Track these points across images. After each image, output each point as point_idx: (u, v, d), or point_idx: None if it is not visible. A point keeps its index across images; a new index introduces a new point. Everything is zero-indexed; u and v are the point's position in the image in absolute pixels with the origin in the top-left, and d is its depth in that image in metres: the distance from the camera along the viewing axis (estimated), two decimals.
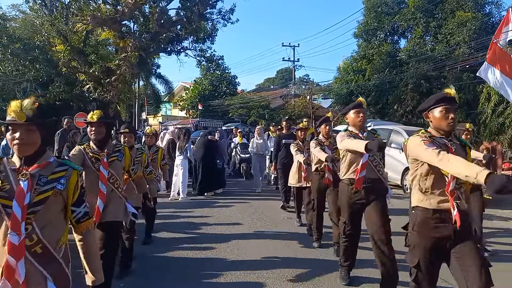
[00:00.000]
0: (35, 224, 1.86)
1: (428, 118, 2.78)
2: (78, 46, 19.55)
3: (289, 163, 7.17)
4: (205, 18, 21.27)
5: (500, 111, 17.54)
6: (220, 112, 37.00)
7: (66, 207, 2.00)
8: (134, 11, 18.96)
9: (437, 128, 2.74)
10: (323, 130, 5.47)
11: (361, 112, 3.99)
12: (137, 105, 30.46)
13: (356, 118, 3.98)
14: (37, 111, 1.90)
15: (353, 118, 4.01)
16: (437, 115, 2.70)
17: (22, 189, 1.84)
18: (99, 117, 3.45)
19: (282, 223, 6.97)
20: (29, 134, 1.88)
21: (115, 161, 3.51)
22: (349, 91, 25.38)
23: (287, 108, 32.88)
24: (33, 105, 1.91)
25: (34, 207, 1.85)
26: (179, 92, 44.37)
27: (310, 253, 5.23)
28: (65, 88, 21.10)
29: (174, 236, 6.13)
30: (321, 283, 4.19)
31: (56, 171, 1.97)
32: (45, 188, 1.91)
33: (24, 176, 1.87)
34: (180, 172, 9.16)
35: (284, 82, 51.18)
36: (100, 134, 3.48)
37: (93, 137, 3.48)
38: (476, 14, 21.61)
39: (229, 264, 4.82)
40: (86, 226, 2.09)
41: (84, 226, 2.08)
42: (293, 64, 35.45)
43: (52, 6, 19.71)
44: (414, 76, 21.94)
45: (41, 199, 1.88)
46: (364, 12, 26.01)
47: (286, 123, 8.69)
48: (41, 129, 1.92)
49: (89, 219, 2.11)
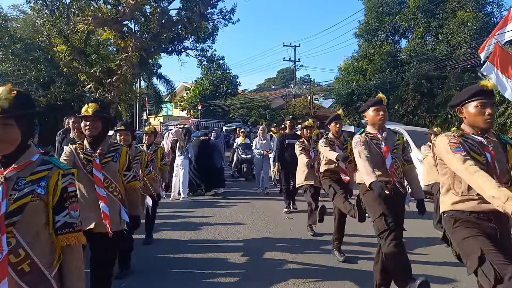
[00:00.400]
0: (19, 237, 1.54)
1: (462, 114, 2.53)
2: (79, 46, 19.57)
3: (292, 163, 7.06)
4: (206, 18, 21.28)
5: (502, 111, 17.53)
6: (221, 112, 37.03)
7: None
8: (135, 11, 18.98)
9: (472, 125, 2.48)
10: (333, 128, 5.21)
11: (381, 109, 3.62)
12: (138, 105, 30.47)
13: (376, 117, 3.61)
14: (14, 101, 1.58)
15: (373, 117, 3.64)
16: (472, 110, 2.44)
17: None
18: (95, 110, 3.13)
19: (283, 223, 6.96)
20: (6, 130, 1.55)
21: (109, 162, 3.15)
22: (350, 91, 25.41)
23: (288, 108, 32.87)
24: (10, 94, 1.59)
25: (11, 218, 1.52)
26: (180, 92, 44.41)
27: (311, 253, 5.22)
28: (66, 88, 21.14)
29: (175, 236, 6.12)
30: (323, 282, 4.19)
31: (36, 171, 1.63)
32: (22, 193, 1.57)
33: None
34: (180, 172, 9.17)
35: (285, 82, 51.16)
36: (96, 130, 3.14)
37: (88, 132, 3.15)
38: (477, 14, 21.60)
39: (230, 264, 4.81)
40: (66, 240, 1.67)
41: (63, 240, 1.67)
42: (294, 64, 35.48)
43: (53, 6, 19.73)
44: (415, 76, 21.95)
45: (18, 206, 1.55)
46: (365, 12, 26.02)
47: (290, 122, 8.41)
48: (20, 123, 1.59)
49: (72, 233, 1.68)
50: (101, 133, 3.18)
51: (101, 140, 3.19)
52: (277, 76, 71.11)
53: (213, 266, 4.74)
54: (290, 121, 8.51)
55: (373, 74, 24.48)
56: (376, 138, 3.61)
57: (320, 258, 4.98)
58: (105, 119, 3.26)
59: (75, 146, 3.18)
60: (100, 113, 3.18)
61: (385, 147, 3.57)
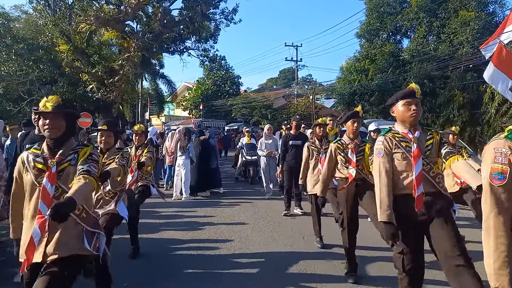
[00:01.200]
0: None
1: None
2: (81, 46, 19.63)
3: (296, 165, 6.95)
4: (208, 18, 21.33)
5: (504, 110, 17.50)
6: (223, 112, 37.09)
7: None
8: (137, 11, 19.04)
9: None
10: (350, 128, 4.43)
11: (413, 103, 2.91)
12: (140, 105, 30.52)
13: (407, 112, 2.91)
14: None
15: (402, 112, 2.95)
16: None
17: None
18: (56, 105, 2.46)
19: (285, 223, 6.96)
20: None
21: (66, 168, 2.48)
22: (352, 91, 25.38)
23: (289, 108, 32.89)
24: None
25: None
26: (182, 92, 44.49)
27: (313, 253, 5.22)
28: (68, 88, 21.21)
29: (177, 235, 6.13)
30: (325, 283, 4.19)
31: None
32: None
33: None
34: (182, 172, 9.18)
35: (287, 82, 51.21)
36: (58, 130, 2.48)
37: (47, 133, 2.48)
38: (479, 13, 21.53)
39: (232, 263, 4.82)
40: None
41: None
42: (296, 64, 35.44)
43: (55, 7, 19.80)
44: (417, 76, 21.91)
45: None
46: (366, 12, 25.98)
47: (297, 123, 7.97)
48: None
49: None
50: (65, 133, 2.54)
51: (64, 143, 2.55)
52: (279, 76, 71.17)
53: (215, 265, 4.75)
54: (297, 121, 8.10)
55: (375, 74, 24.44)
56: (406, 139, 2.92)
57: (323, 258, 4.98)
58: (70, 116, 2.60)
59: (31, 150, 2.56)
60: (62, 108, 2.51)
61: (416, 149, 2.85)
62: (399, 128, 3.03)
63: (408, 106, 2.93)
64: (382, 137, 3.03)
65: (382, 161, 2.93)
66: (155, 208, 7.94)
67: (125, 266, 4.37)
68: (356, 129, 4.40)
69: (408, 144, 2.89)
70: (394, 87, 23.22)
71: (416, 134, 2.91)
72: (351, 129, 4.42)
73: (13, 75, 19.62)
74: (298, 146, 7.37)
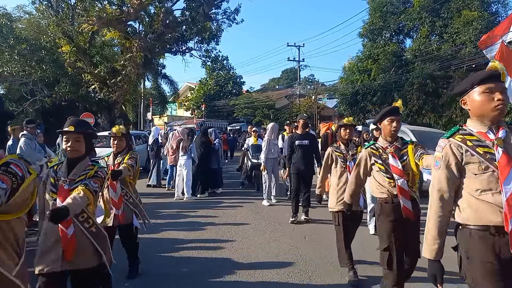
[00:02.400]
0: None
1: None
2: (83, 46, 19.68)
3: (304, 168, 6.73)
4: (210, 19, 21.35)
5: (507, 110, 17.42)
6: (225, 112, 37.13)
7: None
8: (140, 12, 19.06)
9: None
10: (388, 128, 3.43)
11: (496, 90, 2.00)
12: (142, 105, 30.60)
13: (488, 103, 2.01)
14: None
15: (481, 103, 2.04)
16: None
17: None
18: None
19: (286, 223, 6.94)
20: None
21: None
22: (355, 91, 25.36)
23: (292, 108, 32.91)
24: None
25: None
26: (184, 92, 44.56)
27: (315, 253, 5.20)
28: (71, 88, 21.28)
29: (179, 236, 6.12)
30: (326, 283, 4.18)
31: None
32: None
33: None
34: (184, 172, 9.17)
35: (289, 82, 51.29)
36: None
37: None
38: (482, 13, 21.50)
39: (234, 264, 4.81)
40: None
41: None
42: (298, 64, 35.47)
43: (58, 7, 19.87)
44: (420, 75, 21.89)
45: None
46: (369, 11, 25.97)
47: (303, 122, 7.37)
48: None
49: None
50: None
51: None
52: (281, 76, 71.30)
53: (217, 265, 4.74)
54: (304, 120, 7.45)
55: (378, 74, 24.43)
56: (485, 143, 2.03)
57: (325, 258, 4.97)
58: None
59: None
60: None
61: (502, 156, 2.00)
62: (473, 126, 2.11)
63: (490, 94, 2.01)
64: (445, 140, 2.14)
65: (439, 175, 2.12)
66: (157, 208, 7.94)
67: (126, 266, 4.36)
68: (396, 130, 3.40)
69: (489, 149, 2.00)
70: (396, 87, 23.21)
71: (501, 134, 2.01)
72: (389, 130, 3.42)
73: (15, 76, 19.72)
74: (305, 147, 7.07)
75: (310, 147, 7.14)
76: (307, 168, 7.07)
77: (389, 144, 3.44)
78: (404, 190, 3.25)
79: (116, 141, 4.32)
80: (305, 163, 6.94)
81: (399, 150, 3.41)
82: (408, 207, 3.24)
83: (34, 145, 6.67)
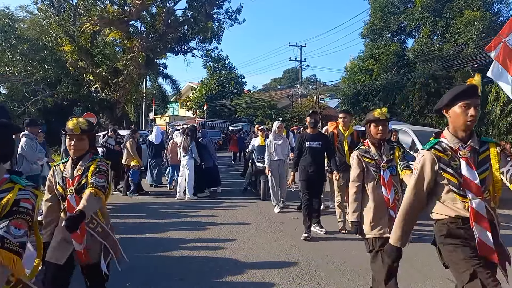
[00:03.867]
0: None
1: None
2: (85, 46, 19.72)
3: (315, 174, 5.85)
4: (212, 18, 21.38)
5: (509, 110, 17.42)
6: (227, 112, 37.16)
7: None
8: (141, 12, 19.10)
9: None
10: (461, 118, 2.31)
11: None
12: (144, 105, 30.64)
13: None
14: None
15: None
16: None
17: None
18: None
19: (288, 223, 6.94)
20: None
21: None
22: (356, 91, 25.37)
23: (294, 108, 32.93)
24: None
25: None
26: (186, 92, 44.62)
27: (316, 253, 5.20)
28: (72, 88, 21.31)
29: (181, 235, 6.13)
30: (327, 282, 4.18)
31: None
32: None
33: None
34: (186, 172, 9.16)
35: (291, 82, 51.30)
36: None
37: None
38: (484, 13, 21.47)
39: (235, 263, 4.81)
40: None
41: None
42: (300, 64, 35.49)
43: (60, 7, 19.90)
44: (421, 75, 21.87)
45: None
46: (370, 12, 25.97)
47: (311, 118, 6.04)
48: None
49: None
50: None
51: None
52: (283, 76, 71.34)
53: (218, 265, 4.74)
54: (311, 116, 6.08)
55: (379, 74, 24.42)
56: None
57: (326, 258, 4.96)
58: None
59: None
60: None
61: None
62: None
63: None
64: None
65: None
66: (159, 208, 7.94)
67: (127, 266, 4.37)
68: (474, 120, 2.29)
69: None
70: (398, 87, 23.19)
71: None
72: (463, 120, 2.31)
73: (17, 75, 19.75)
74: (316, 149, 5.95)
75: (322, 150, 6.00)
76: (318, 174, 5.96)
77: (462, 144, 2.34)
78: (480, 216, 2.24)
79: (74, 141, 2.77)
80: (315, 168, 5.88)
81: (477, 154, 2.32)
82: (485, 241, 2.23)
83: (35, 144, 6.67)
